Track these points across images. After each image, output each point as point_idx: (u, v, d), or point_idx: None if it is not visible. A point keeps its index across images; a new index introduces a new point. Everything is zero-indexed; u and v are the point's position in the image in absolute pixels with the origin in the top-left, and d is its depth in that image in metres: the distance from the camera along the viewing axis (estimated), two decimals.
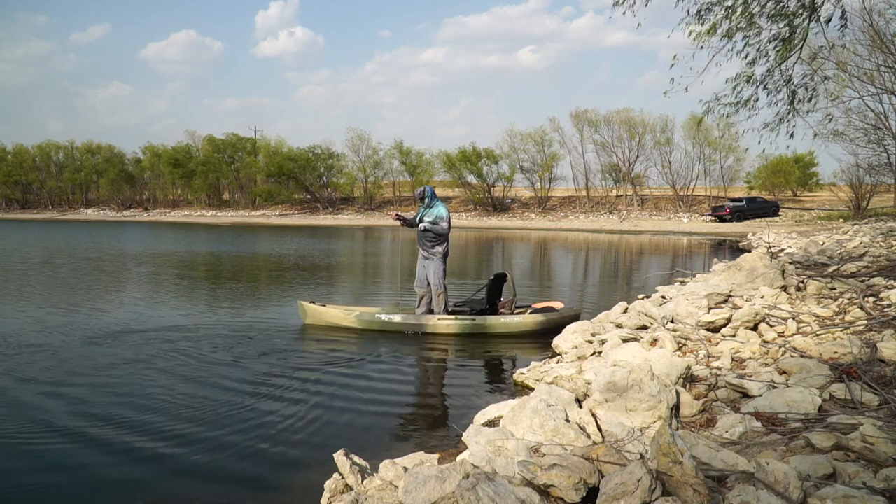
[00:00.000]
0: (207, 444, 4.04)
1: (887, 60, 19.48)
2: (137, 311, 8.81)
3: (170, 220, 51.61)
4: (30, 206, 65.69)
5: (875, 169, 28.85)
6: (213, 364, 5.99)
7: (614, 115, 47.40)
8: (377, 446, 3.97)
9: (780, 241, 19.58)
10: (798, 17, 6.50)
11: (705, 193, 46.09)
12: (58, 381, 5.39)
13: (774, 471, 2.29)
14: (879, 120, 24.66)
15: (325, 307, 7.77)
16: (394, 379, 5.64)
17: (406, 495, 2.60)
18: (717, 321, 5.63)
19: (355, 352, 6.66)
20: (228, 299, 10.27)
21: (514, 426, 3.34)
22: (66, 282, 12.37)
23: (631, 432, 3.14)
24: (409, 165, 53.31)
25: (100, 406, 4.77)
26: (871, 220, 26.81)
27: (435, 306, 7.52)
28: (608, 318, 6.72)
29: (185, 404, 4.81)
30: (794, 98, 7.44)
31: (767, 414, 3.32)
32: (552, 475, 2.48)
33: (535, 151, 49.59)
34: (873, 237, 16.17)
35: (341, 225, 44.43)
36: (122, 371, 5.75)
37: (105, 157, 64.18)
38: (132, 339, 6.98)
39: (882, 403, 3.31)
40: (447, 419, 4.64)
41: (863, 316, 5.37)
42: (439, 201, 7.58)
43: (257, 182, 59.34)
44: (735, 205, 38.10)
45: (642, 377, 3.45)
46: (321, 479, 3.04)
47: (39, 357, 6.21)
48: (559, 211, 48.42)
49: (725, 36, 6.75)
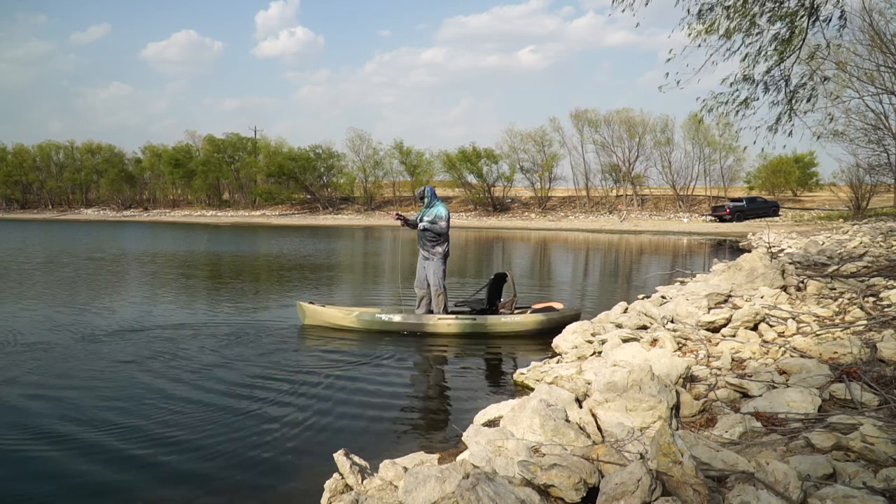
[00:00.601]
0: (206, 444, 4.04)
1: (887, 60, 19.49)
2: (135, 311, 8.81)
3: (170, 220, 51.61)
4: (30, 206, 65.71)
5: (875, 169, 28.89)
6: (213, 365, 5.99)
7: (614, 115, 47.49)
8: (377, 446, 3.97)
9: (780, 241, 19.59)
10: (798, 17, 6.49)
11: (705, 193, 46.09)
12: (54, 383, 5.39)
13: (774, 471, 2.29)
14: (879, 120, 24.72)
15: (324, 307, 7.77)
16: (394, 379, 5.64)
17: (406, 495, 2.60)
18: (717, 321, 5.63)
19: (355, 352, 6.66)
20: (228, 299, 10.27)
21: (514, 426, 3.33)
22: (66, 281, 12.37)
23: (631, 432, 3.14)
24: (409, 165, 53.32)
25: (96, 408, 4.77)
26: (871, 220, 26.80)
27: (434, 306, 7.52)
28: (608, 318, 6.72)
29: (184, 405, 4.81)
30: (793, 98, 7.43)
31: (767, 414, 3.32)
32: (552, 475, 2.48)
33: (535, 151, 49.66)
34: (873, 237, 16.17)
35: (341, 225, 44.43)
36: (119, 372, 5.75)
37: (105, 157, 64.21)
38: (130, 339, 6.98)
39: (882, 403, 3.31)
40: (447, 419, 4.64)
41: (863, 316, 5.37)
42: (439, 201, 7.58)
43: (257, 182, 59.35)
44: (735, 205, 38.10)
45: (642, 377, 3.45)
46: (321, 480, 3.04)
47: (38, 358, 6.22)
48: (559, 211, 48.42)
49: (724, 35, 6.74)
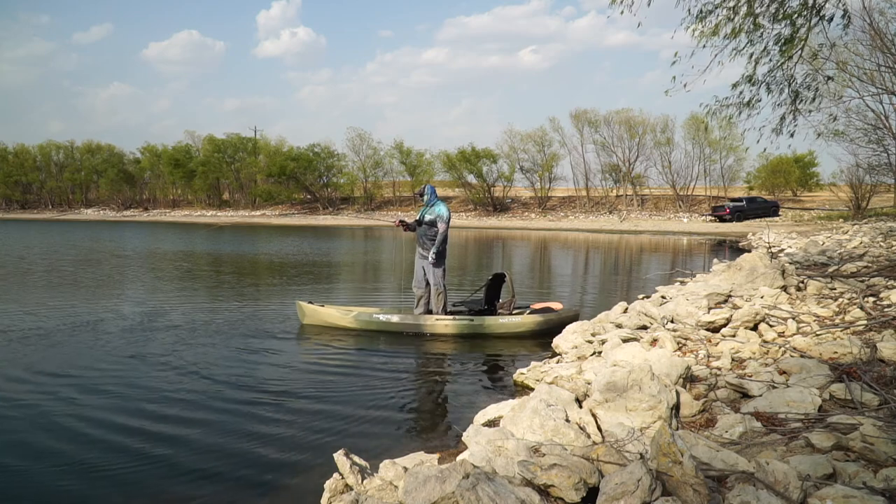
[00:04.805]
0: (206, 444, 4.04)
1: (887, 60, 19.47)
2: (135, 311, 8.80)
3: (170, 220, 51.60)
4: (30, 207, 65.69)
5: (875, 169, 28.87)
6: (212, 364, 5.99)
7: (614, 115, 47.45)
8: (377, 446, 3.97)
9: (780, 241, 19.59)
10: (801, 17, 6.49)
11: (705, 193, 46.08)
12: (52, 381, 5.39)
13: (774, 471, 2.29)
14: (879, 120, 24.71)
15: (323, 307, 7.77)
16: (393, 379, 5.63)
17: (406, 495, 2.60)
18: (717, 321, 5.63)
19: (355, 352, 6.66)
20: (228, 298, 10.27)
21: (514, 426, 3.33)
22: (66, 281, 12.36)
23: (631, 432, 3.13)
24: (409, 165, 53.29)
25: (95, 406, 4.77)
26: (871, 220, 26.80)
27: (434, 306, 7.51)
28: (608, 318, 6.72)
29: (183, 404, 4.81)
30: (797, 98, 7.43)
31: (767, 414, 3.32)
32: (552, 475, 2.48)
33: (535, 151, 49.62)
34: (873, 237, 16.17)
35: (341, 225, 44.42)
36: (118, 370, 5.75)
37: (105, 157, 64.19)
38: (129, 338, 6.98)
39: (882, 403, 3.31)
40: (447, 419, 4.64)
41: (863, 316, 5.37)
42: (440, 200, 7.57)
43: (257, 182, 59.34)
44: (735, 205, 38.08)
45: (642, 377, 3.45)
46: (321, 479, 3.04)
47: (35, 356, 6.22)
48: (559, 211, 48.41)
49: (730, 35, 6.74)
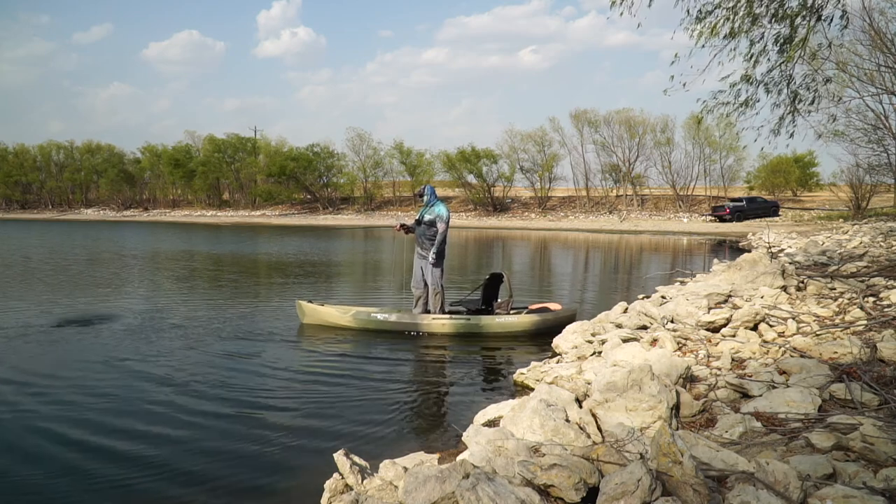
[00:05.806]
0: (205, 444, 4.04)
1: (887, 60, 19.48)
2: (134, 310, 8.80)
3: (170, 220, 51.59)
4: (30, 207, 65.64)
5: (875, 169, 28.88)
6: (211, 364, 5.99)
7: (614, 115, 47.41)
8: (377, 446, 3.97)
9: (780, 241, 19.59)
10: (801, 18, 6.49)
11: (705, 193, 46.06)
12: (49, 383, 5.38)
13: (774, 471, 2.29)
14: (879, 120, 24.72)
15: (322, 306, 7.77)
16: (393, 379, 5.63)
17: (406, 495, 2.60)
18: (717, 321, 5.63)
19: (355, 351, 6.66)
20: (228, 298, 10.27)
21: (514, 426, 3.33)
22: (66, 280, 12.37)
23: (631, 432, 3.13)
24: (409, 165, 53.26)
25: (94, 406, 4.77)
26: (871, 220, 26.80)
27: (432, 306, 7.50)
28: (608, 318, 6.72)
29: (183, 404, 4.81)
30: (796, 99, 7.42)
31: (767, 414, 3.32)
32: (552, 475, 2.48)
33: (535, 151, 49.58)
34: (873, 237, 16.17)
35: (341, 225, 44.42)
36: (118, 370, 5.75)
37: (104, 157, 64.17)
38: (129, 338, 6.98)
39: (882, 403, 3.31)
40: (447, 419, 4.63)
41: (863, 316, 5.37)
42: (440, 200, 7.57)
43: (257, 182, 59.32)
44: (735, 205, 38.07)
45: (642, 377, 3.45)
46: (321, 479, 3.04)
47: (34, 356, 6.22)
48: (559, 211, 48.39)
49: (729, 35, 6.73)
